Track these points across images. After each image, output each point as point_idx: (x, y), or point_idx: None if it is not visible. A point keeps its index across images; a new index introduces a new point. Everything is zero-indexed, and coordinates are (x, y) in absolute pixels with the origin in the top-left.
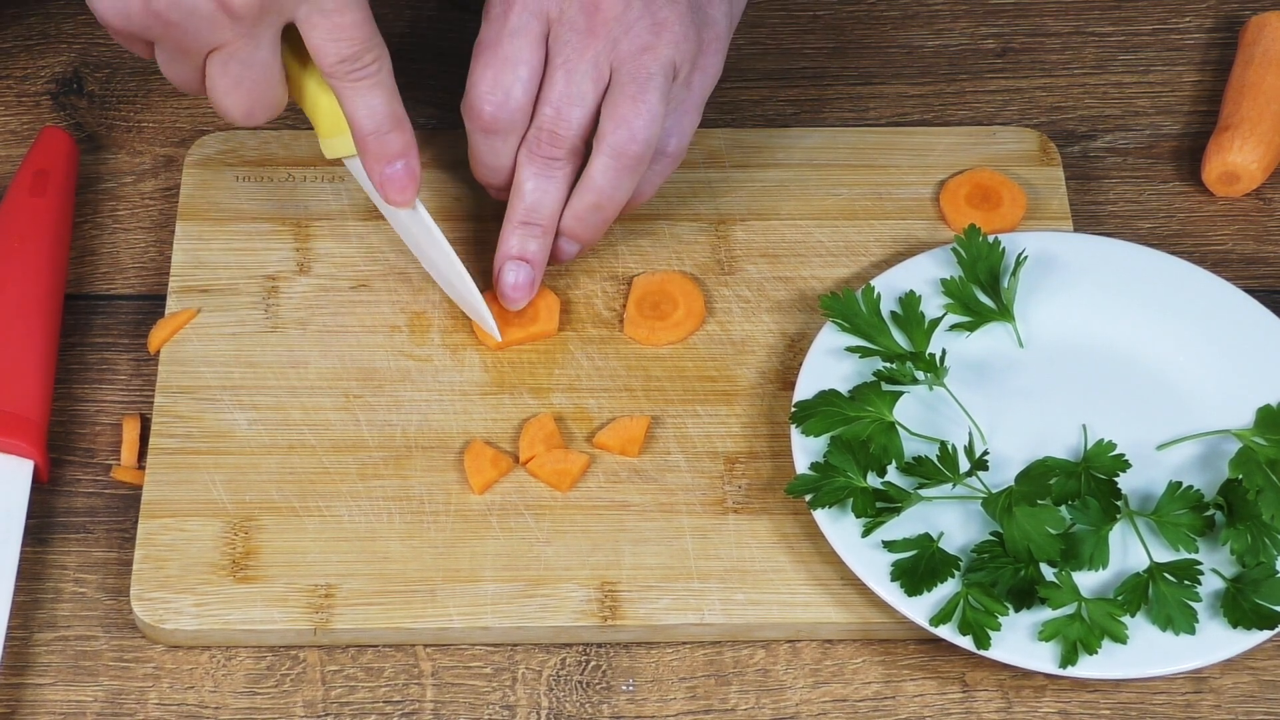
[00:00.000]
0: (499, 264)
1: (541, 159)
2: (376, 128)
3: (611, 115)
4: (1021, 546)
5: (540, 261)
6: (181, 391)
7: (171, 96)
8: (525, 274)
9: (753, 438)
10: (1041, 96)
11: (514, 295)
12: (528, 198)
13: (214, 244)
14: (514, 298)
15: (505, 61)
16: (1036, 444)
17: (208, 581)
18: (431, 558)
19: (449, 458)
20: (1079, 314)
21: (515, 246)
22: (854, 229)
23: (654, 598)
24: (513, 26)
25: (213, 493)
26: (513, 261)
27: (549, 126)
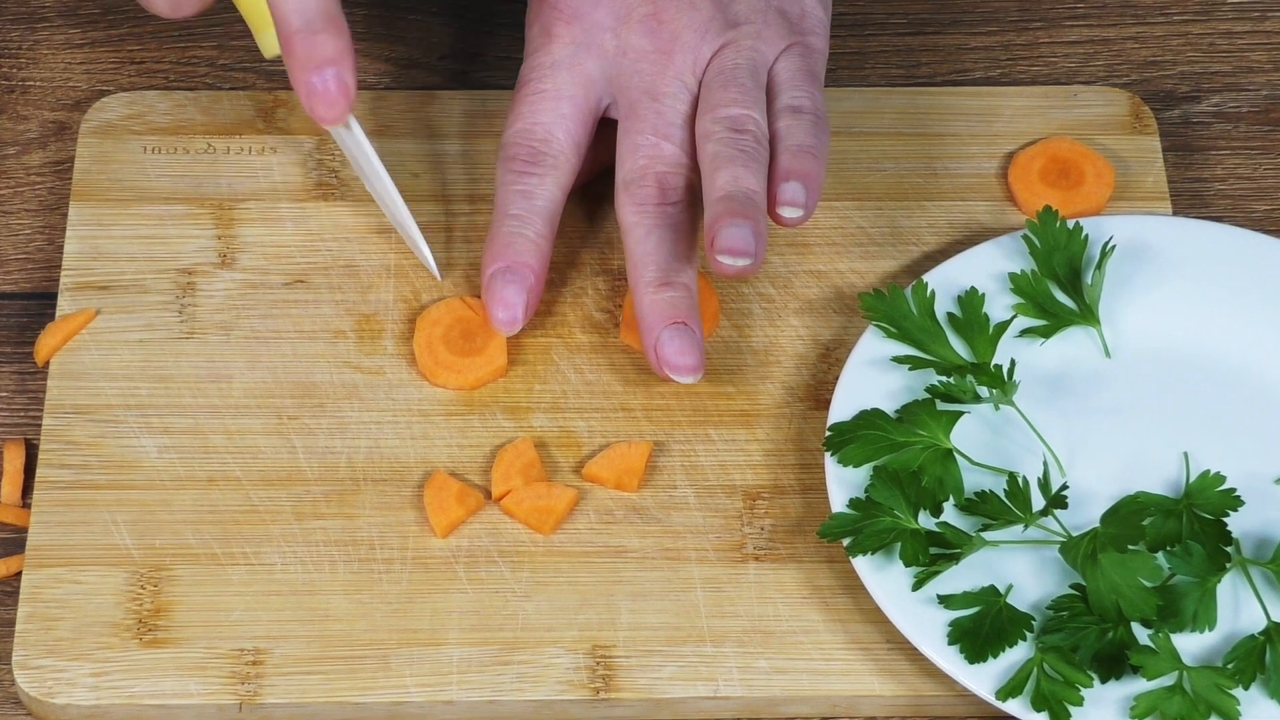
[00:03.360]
0: (652, 340)
1: (654, 206)
2: (304, 24)
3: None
4: (1109, 602)
5: (695, 317)
6: (76, 412)
7: (64, 49)
8: (688, 340)
9: (778, 468)
10: (1133, 49)
11: (679, 362)
12: (648, 256)
13: (116, 230)
14: (680, 364)
15: (545, 96)
16: (1127, 476)
17: (108, 646)
18: (384, 616)
19: (405, 493)
20: (1178, 317)
21: (664, 313)
22: (902, 212)
23: (657, 665)
24: (557, 59)
25: (114, 536)
26: (669, 329)
27: (651, 181)
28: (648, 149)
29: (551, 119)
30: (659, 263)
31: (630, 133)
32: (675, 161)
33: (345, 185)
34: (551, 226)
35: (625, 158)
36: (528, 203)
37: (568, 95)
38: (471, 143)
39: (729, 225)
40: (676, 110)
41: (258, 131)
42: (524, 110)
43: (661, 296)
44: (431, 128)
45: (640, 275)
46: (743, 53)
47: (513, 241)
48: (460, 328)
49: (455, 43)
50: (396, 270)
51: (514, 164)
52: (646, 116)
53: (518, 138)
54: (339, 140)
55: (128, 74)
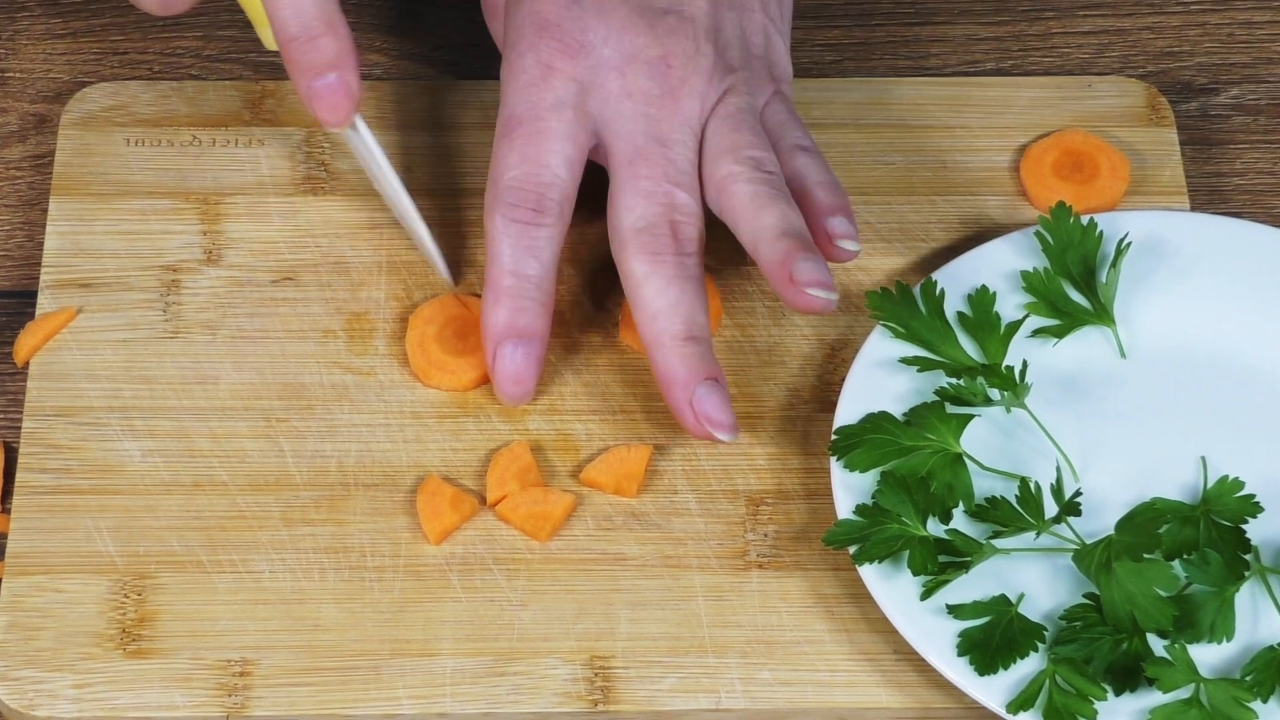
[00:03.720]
0: (686, 397)
1: (672, 256)
2: (303, 30)
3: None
4: (1124, 612)
5: (723, 376)
6: (57, 414)
7: (44, 39)
8: (724, 396)
9: (782, 473)
10: (1149, 39)
11: (722, 419)
12: (671, 308)
13: (98, 226)
14: (724, 421)
15: (549, 135)
16: (1142, 481)
17: (91, 656)
18: (375, 626)
19: (397, 498)
20: (1196, 316)
21: (696, 368)
22: (910, 207)
23: (657, 676)
24: (560, 97)
25: (97, 543)
26: (705, 385)
27: (665, 229)
28: (661, 196)
29: (558, 162)
30: (684, 315)
31: (639, 178)
32: (689, 210)
33: (335, 179)
34: (555, 280)
35: (634, 204)
36: (535, 261)
37: (571, 135)
38: (465, 135)
39: (805, 260)
40: (685, 157)
41: (244, 123)
42: (528, 151)
43: (691, 350)
44: (425, 119)
45: (664, 328)
46: (743, 98)
47: (523, 309)
48: (454, 326)
49: (449, 33)
50: (388, 267)
51: (516, 213)
52: (657, 162)
53: (521, 183)
54: (347, 140)
55: (110, 64)
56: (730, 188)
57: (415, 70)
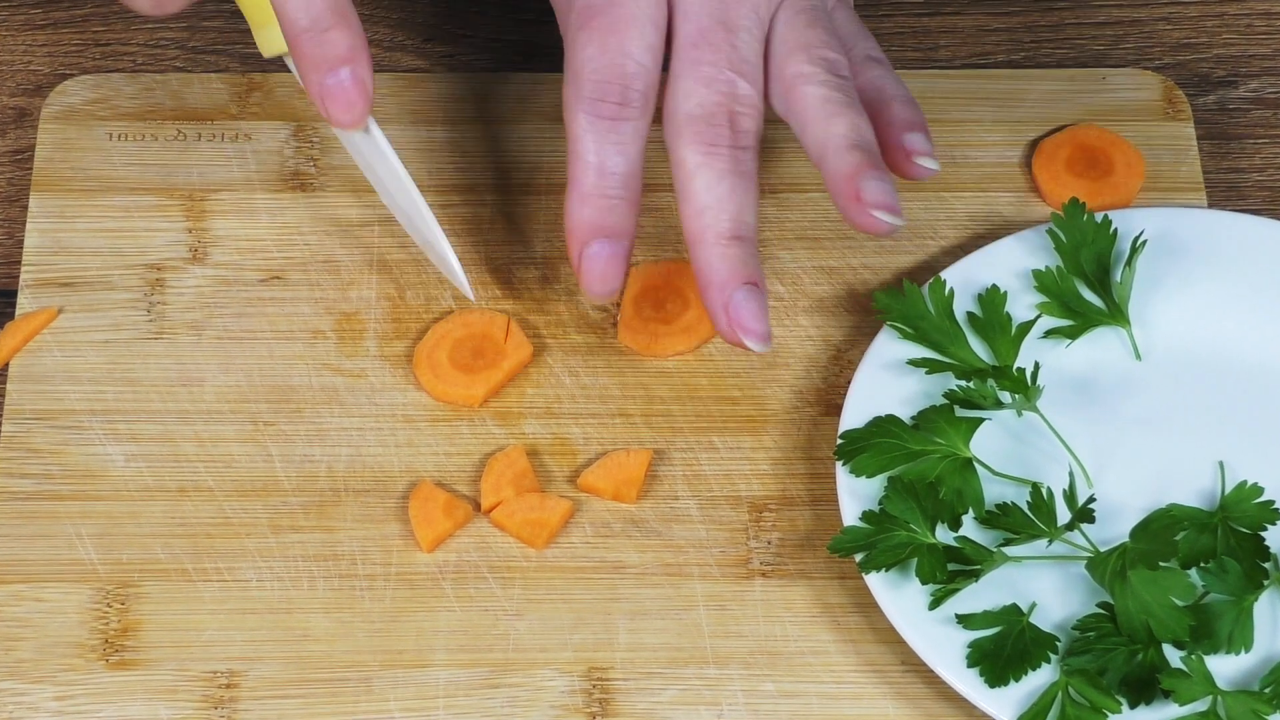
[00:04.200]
0: (723, 299)
1: (728, 149)
2: (313, 22)
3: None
4: (1139, 622)
5: (763, 279)
6: (37, 417)
7: (24, 30)
8: (762, 304)
9: (786, 478)
10: (1166, 30)
11: (756, 327)
12: (720, 202)
13: (80, 223)
14: (757, 329)
15: (629, 20)
16: (1158, 487)
17: (72, 668)
18: (366, 636)
19: (389, 504)
20: (1214, 316)
21: (738, 270)
22: (919, 203)
23: (657, 688)
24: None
25: (79, 550)
26: (744, 290)
27: (723, 119)
28: (723, 84)
29: (640, 49)
30: (731, 212)
31: (700, 63)
32: (750, 102)
33: (325, 175)
34: (642, 176)
35: (693, 90)
36: (621, 157)
37: (651, 19)
38: (460, 129)
39: (873, 179)
40: (751, 47)
41: (231, 117)
42: (608, 41)
43: (734, 251)
44: (417, 113)
45: (710, 224)
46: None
47: (611, 207)
48: (471, 344)
49: (442, 24)
50: (379, 266)
51: (603, 108)
52: (721, 47)
53: (604, 74)
54: (351, 147)
55: (92, 56)
56: (801, 88)
57: (406, 62)
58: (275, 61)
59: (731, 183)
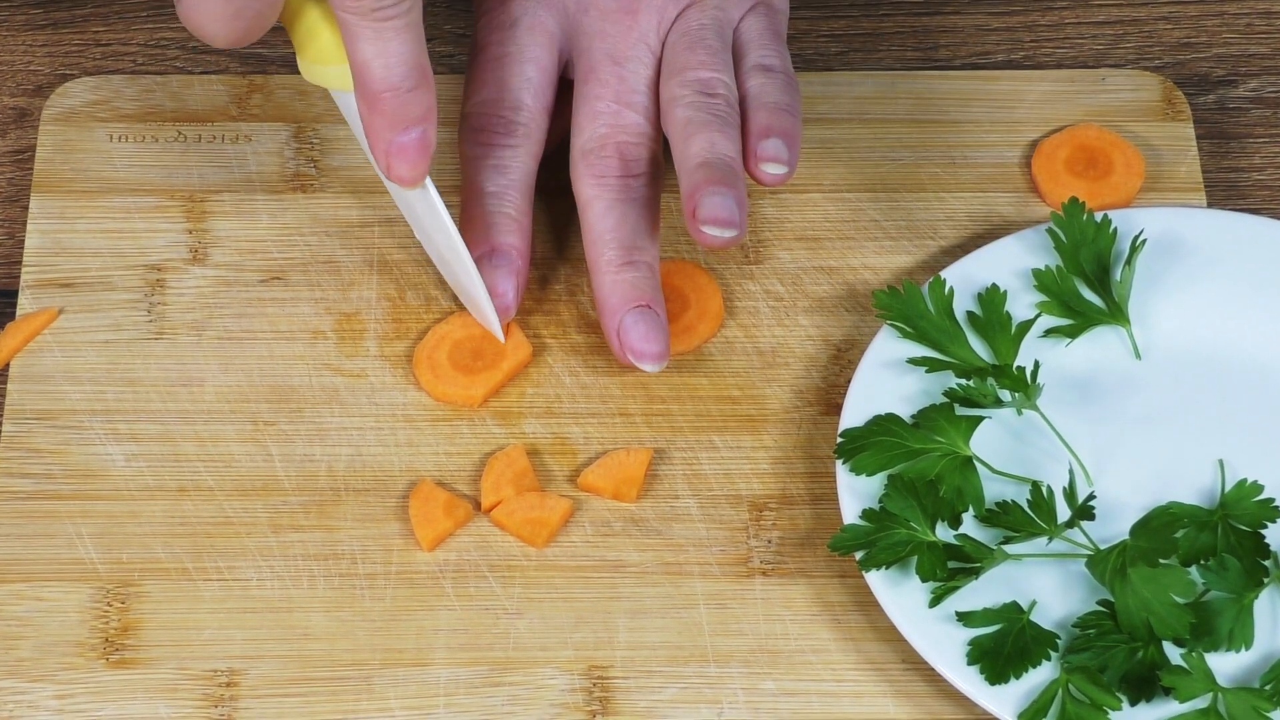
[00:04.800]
0: (615, 325)
1: (616, 179)
2: (396, 83)
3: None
4: (1139, 620)
5: (659, 299)
6: (38, 417)
7: (24, 30)
8: (652, 325)
9: (786, 477)
10: (1165, 30)
11: (644, 349)
12: (608, 232)
13: (80, 224)
14: (645, 351)
15: (507, 59)
16: (1158, 486)
17: (73, 666)
18: (366, 635)
19: (389, 504)
20: (1213, 315)
21: (627, 295)
22: (919, 203)
23: (657, 686)
24: (516, 17)
25: (79, 549)
26: (633, 313)
27: (611, 151)
28: (609, 116)
29: (518, 84)
30: (621, 240)
31: (590, 99)
32: (638, 131)
33: (324, 176)
34: (529, 200)
35: (584, 125)
36: (503, 178)
37: (531, 58)
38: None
39: (711, 194)
40: (640, 75)
41: (231, 118)
42: (487, 77)
43: (623, 277)
44: None
45: (600, 254)
46: (708, 12)
47: (494, 222)
48: (471, 345)
49: (442, 24)
50: (379, 266)
51: (482, 136)
52: (609, 82)
53: (484, 108)
54: (394, 190)
55: (93, 57)
56: (670, 111)
57: None
58: (275, 63)
59: (621, 211)
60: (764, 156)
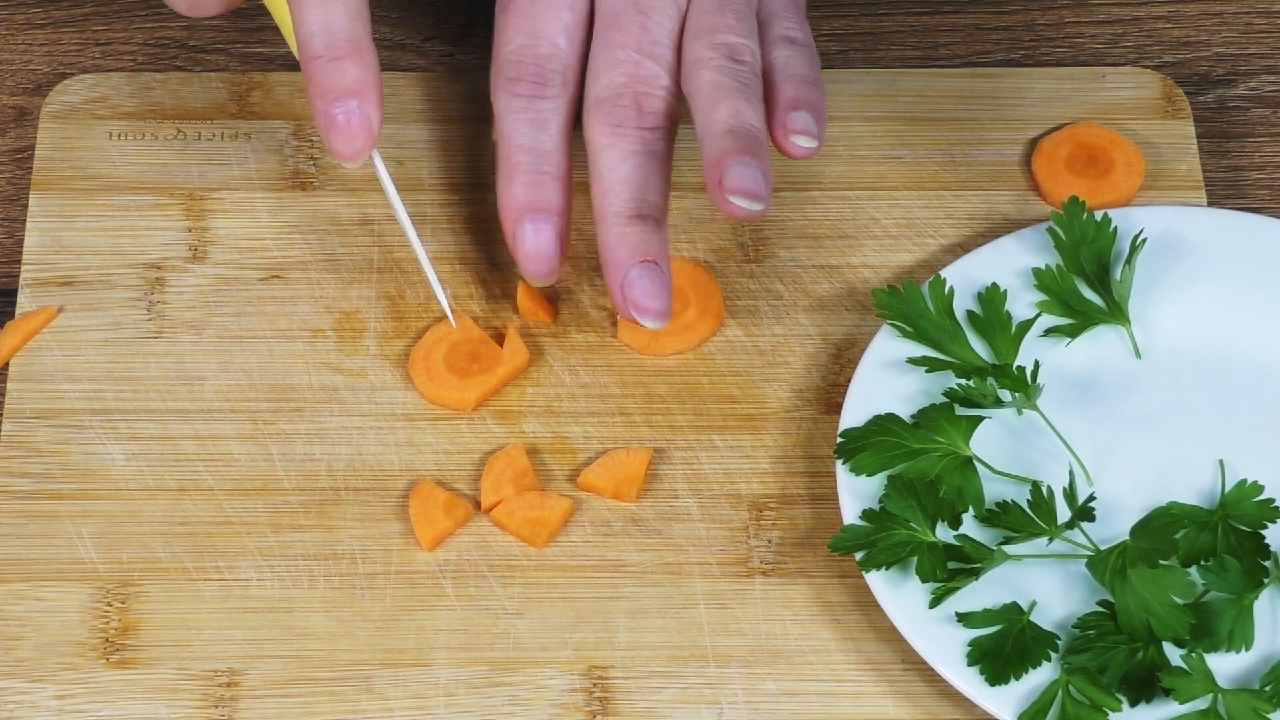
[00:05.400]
0: (619, 278)
1: (633, 129)
2: (320, 51)
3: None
4: (1139, 620)
5: (666, 256)
6: (37, 416)
7: (24, 29)
8: (658, 280)
9: (786, 477)
10: (1165, 29)
11: (648, 304)
12: (621, 183)
13: (79, 222)
14: (648, 307)
15: (543, 3)
16: (1158, 486)
17: (73, 666)
18: (366, 635)
19: (389, 503)
20: (1214, 315)
21: (634, 248)
22: (919, 202)
23: (657, 687)
24: None
25: (79, 549)
26: (640, 267)
27: (629, 100)
28: (629, 65)
29: (555, 29)
30: (633, 192)
31: (610, 46)
32: (658, 83)
33: (325, 174)
34: (568, 153)
35: (602, 72)
36: (541, 133)
37: (567, 4)
38: (459, 129)
39: (738, 164)
40: (664, 28)
41: (231, 116)
42: (522, 23)
43: (633, 230)
44: (416, 113)
45: (610, 204)
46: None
47: (536, 182)
48: (468, 348)
49: (441, 24)
50: (379, 265)
51: (519, 87)
52: (630, 30)
53: (520, 55)
54: None
55: (92, 55)
56: (695, 73)
57: (406, 61)
58: (276, 61)
59: (635, 163)
60: (794, 128)
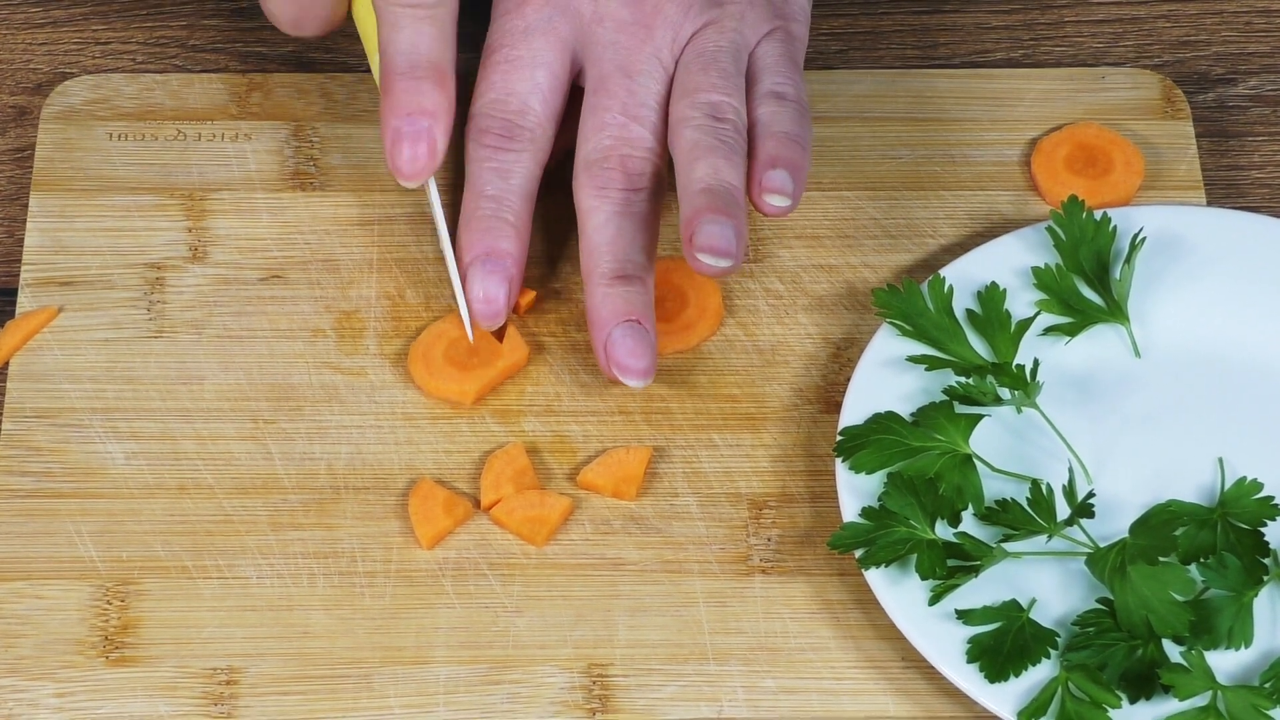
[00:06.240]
0: (602, 338)
1: (617, 191)
2: (408, 70)
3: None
4: (1138, 618)
5: (650, 316)
6: (38, 415)
7: (23, 29)
8: (640, 340)
9: (786, 475)
10: (1165, 28)
11: (630, 364)
12: (605, 245)
13: (80, 222)
14: (630, 367)
15: (519, 63)
16: (1158, 484)
17: (73, 664)
18: (366, 632)
19: (389, 502)
20: (1213, 314)
21: (617, 309)
22: (918, 202)
23: (657, 684)
24: (530, 24)
25: (79, 548)
26: (622, 327)
27: (615, 163)
28: (615, 128)
29: (527, 89)
30: (616, 254)
31: (597, 109)
32: (643, 145)
33: (325, 174)
34: (530, 207)
35: (589, 136)
36: (504, 182)
37: (544, 63)
38: (458, 127)
39: (710, 222)
40: (650, 90)
41: (231, 117)
42: (496, 79)
43: (616, 291)
44: None
45: (595, 266)
46: (725, 34)
47: (491, 226)
48: (467, 344)
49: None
50: (379, 265)
51: (487, 138)
52: (617, 94)
53: (491, 109)
54: None
55: (92, 55)
56: (677, 132)
57: None
58: (275, 61)
59: (619, 224)
60: (768, 187)
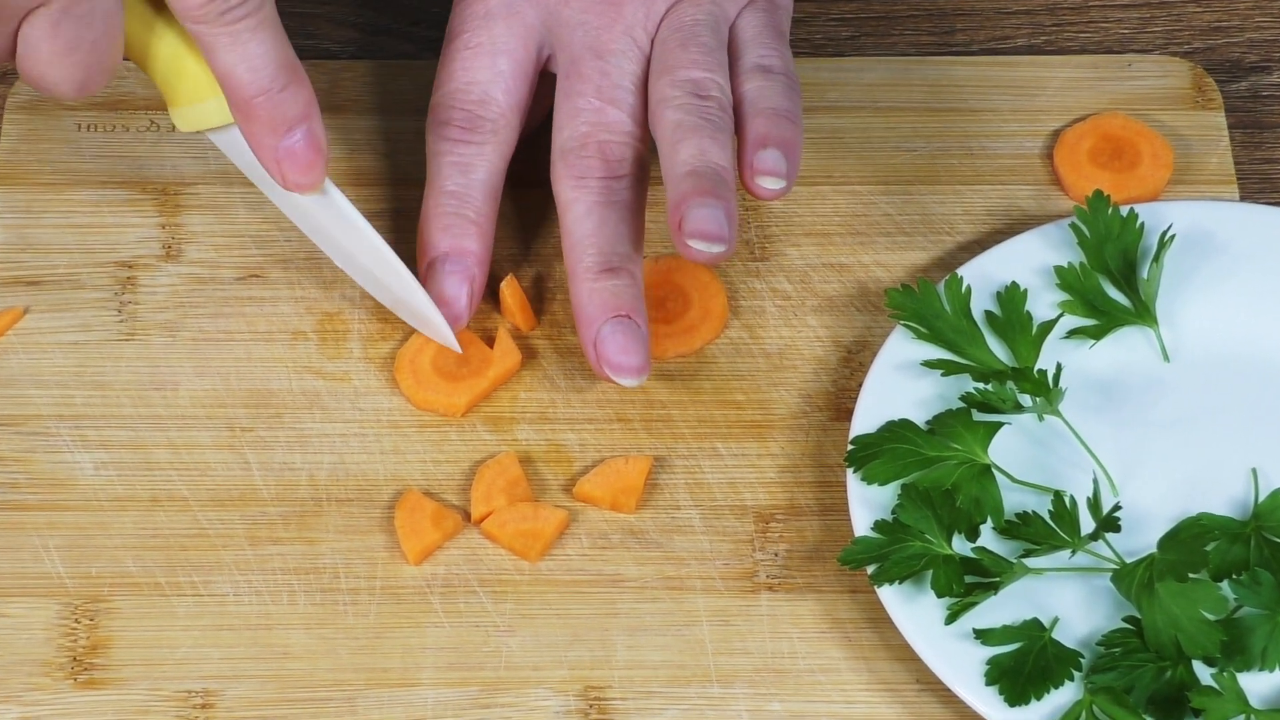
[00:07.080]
0: (591, 335)
1: (597, 180)
2: (266, 85)
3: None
4: (1167, 637)
5: (640, 310)
6: (2, 423)
7: None
8: (631, 336)
9: (794, 487)
10: (1195, 13)
11: (621, 361)
12: (588, 237)
13: (46, 219)
14: (622, 364)
15: (480, 50)
16: (1188, 496)
17: (38, 686)
18: (349, 653)
19: (374, 514)
20: (1246, 315)
21: (605, 304)
22: (934, 197)
23: (657, 707)
24: (492, 8)
25: (45, 563)
26: (611, 323)
27: (592, 150)
28: (590, 114)
29: (488, 78)
30: (600, 246)
31: (571, 95)
32: (621, 130)
33: None
34: (494, 202)
35: (564, 123)
36: (465, 177)
37: (506, 49)
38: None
39: (698, 206)
40: (624, 70)
41: None
42: (456, 69)
43: (602, 285)
44: (402, 102)
45: (579, 260)
46: (703, 7)
47: (451, 224)
48: (449, 353)
49: (428, 7)
50: None
51: (447, 130)
52: (590, 77)
53: (451, 100)
54: (293, 211)
55: None
56: (659, 113)
57: (391, 47)
58: None
59: (601, 215)
60: (760, 169)
